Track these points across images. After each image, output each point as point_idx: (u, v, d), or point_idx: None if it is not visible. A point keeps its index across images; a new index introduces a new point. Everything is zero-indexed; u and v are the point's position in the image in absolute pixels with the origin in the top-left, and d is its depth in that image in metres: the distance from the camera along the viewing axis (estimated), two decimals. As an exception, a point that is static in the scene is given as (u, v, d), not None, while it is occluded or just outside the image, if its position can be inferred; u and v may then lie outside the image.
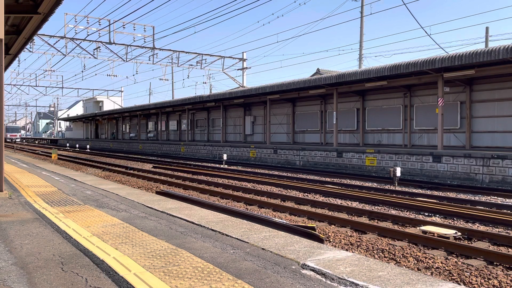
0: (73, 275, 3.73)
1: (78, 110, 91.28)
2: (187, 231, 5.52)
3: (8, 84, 49.97)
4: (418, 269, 5.91)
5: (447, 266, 5.98)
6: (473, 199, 11.71)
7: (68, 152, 41.90)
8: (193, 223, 6.03)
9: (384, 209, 10.39)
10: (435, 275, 5.67)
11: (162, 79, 36.26)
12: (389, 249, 6.79)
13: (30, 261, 4.15)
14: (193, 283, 3.53)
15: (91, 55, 29.74)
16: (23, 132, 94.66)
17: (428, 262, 6.15)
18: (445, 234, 7.41)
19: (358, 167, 19.88)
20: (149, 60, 31.76)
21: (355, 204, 10.98)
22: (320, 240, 6.82)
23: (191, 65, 33.80)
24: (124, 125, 55.77)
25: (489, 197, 12.32)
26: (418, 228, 8.15)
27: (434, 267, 5.95)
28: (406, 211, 10.07)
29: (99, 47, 29.25)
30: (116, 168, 21.60)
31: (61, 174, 13.90)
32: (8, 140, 73.72)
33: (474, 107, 19.09)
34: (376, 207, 10.64)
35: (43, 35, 27.67)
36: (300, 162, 23.30)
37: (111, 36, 28.24)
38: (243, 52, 35.28)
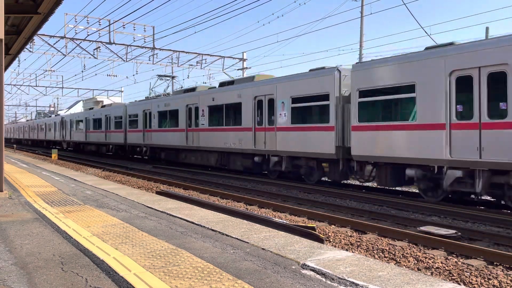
0: (73, 275, 3.73)
1: (78, 110, 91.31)
2: (187, 231, 5.52)
3: (8, 84, 49.89)
4: (418, 269, 5.91)
5: (447, 266, 5.98)
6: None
7: (68, 152, 41.88)
8: (193, 223, 6.03)
9: (384, 209, 10.39)
10: (435, 275, 5.67)
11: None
12: (389, 249, 6.79)
13: (30, 261, 4.16)
14: (193, 283, 3.53)
15: (91, 55, 29.72)
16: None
17: (428, 262, 6.15)
18: (445, 234, 7.41)
19: (358, 167, 19.84)
20: (149, 60, 31.71)
21: (355, 204, 10.97)
22: (320, 240, 6.82)
23: (191, 65, 33.76)
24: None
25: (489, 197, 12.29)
26: (418, 228, 8.15)
27: (434, 267, 5.95)
28: (406, 211, 10.07)
29: (99, 47, 29.21)
30: (116, 168, 21.59)
31: (61, 174, 13.91)
32: None
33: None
34: (376, 207, 10.63)
35: (43, 35, 27.64)
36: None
37: (111, 36, 28.23)
38: (243, 52, 35.19)
